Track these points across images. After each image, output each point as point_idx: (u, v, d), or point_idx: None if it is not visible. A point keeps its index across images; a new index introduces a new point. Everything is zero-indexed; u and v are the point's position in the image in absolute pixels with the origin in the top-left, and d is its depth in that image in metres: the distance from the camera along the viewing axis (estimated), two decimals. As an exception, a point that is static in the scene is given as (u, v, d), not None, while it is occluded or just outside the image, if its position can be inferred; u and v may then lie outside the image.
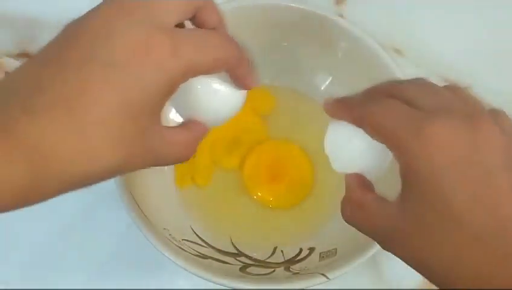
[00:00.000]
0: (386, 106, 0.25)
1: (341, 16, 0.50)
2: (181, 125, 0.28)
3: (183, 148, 0.28)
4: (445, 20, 0.52)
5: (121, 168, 0.25)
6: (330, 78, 0.46)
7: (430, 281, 0.25)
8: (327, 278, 0.36)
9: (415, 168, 0.23)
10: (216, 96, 0.29)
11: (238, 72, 0.28)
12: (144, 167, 0.26)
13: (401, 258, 0.25)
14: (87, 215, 0.45)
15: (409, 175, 0.24)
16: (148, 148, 0.25)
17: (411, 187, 0.24)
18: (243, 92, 0.30)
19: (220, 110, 0.29)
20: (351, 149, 0.28)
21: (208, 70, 0.26)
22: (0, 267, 0.44)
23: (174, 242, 0.38)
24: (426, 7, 0.53)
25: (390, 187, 0.25)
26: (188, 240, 0.40)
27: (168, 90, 0.25)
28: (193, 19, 0.28)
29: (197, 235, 0.42)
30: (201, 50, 0.25)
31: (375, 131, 0.25)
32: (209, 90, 0.27)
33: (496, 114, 0.25)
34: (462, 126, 0.23)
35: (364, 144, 0.27)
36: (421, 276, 0.25)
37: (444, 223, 0.23)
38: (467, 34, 0.52)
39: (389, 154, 0.26)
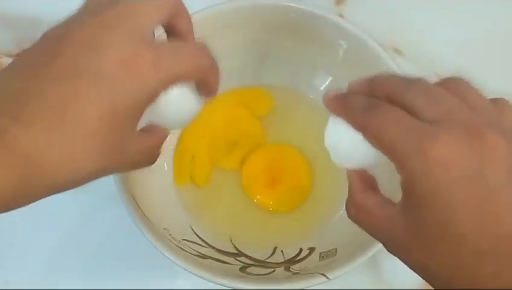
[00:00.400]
0: (387, 115, 0.25)
1: (341, 15, 0.50)
2: (144, 132, 0.29)
3: (148, 154, 0.30)
4: (445, 20, 0.52)
5: (100, 174, 0.26)
6: (330, 78, 0.46)
7: (432, 286, 0.25)
8: (327, 278, 0.36)
9: (417, 184, 0.23)
10: (177, 103, 0.29)
11: (208, 80, 0.29)
12: (121, 172, 0.29)
13: (403, 262, 0.26)
14: (87, 215, 0.45)
15: (410, 189, 0.24)
16: (126, 155, 0.27)
17: (412, 200, 0.24)
18: (201, 98, 0.31)
19: (180, 116, 0.30)
20: (350, 142, 0.27)
21: (184, 79, 0.28)
22: (0, 267, 0.44)
23: (174, 242, 0.38)
24: (426, 7, 0.53)
25: (392, 181, 0.25)
26: (188, 240, 0.40)
27: (149, 101, 0.26)
28: (166, 25, 0.29)
29: (197, 235, 0.42)
30: (180, 61, 0.27)
31: (376, 142, 0.25)
32: (170, 96, 0.28)
33: (499, 107, 0.25)
34: (465, 141, 0.23)
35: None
36: (420, 276, 0.25)
37: (444, 237, 0.23)
38: (467, 34, 0.52)
39: None
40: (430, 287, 0.25)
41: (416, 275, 0.25)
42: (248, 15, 0.43)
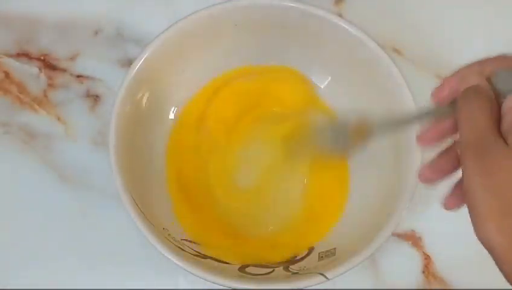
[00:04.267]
0: None
1: (340, 15, 0.50)
2: None
3: None
4: (445, 20, 0.52)
5: None
6: (329, 78, 0.46)
7: None
8: (326, 278, 0.36)
9: None
10: None
11: None
12: None
13: None
14: (87, 215, 0.45)
15: None
16: None
17: None
18: None
19: None
20: None
21: None
22: (0, 267, 0.44)
23: (174, 242, 0.38)
24: (426, 7, 0.53)
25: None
26: (187, 240, 0.40)
27: None
28: None
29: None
30: None
31: None
32: None
33: None
34: None
35: None
36: (420, 276, 0.25)
37: None
38: (467, 34, 0.52)
39: None
40: (430, 287, 0.25)
41: (414, 275, 0.25)
42: (248, 15, 0.43)
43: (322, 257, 0.40)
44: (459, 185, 0.30)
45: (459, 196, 0.29)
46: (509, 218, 0.23)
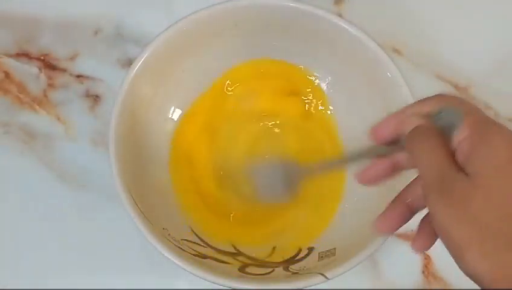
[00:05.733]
0: None
1: (340, 15, 0.50)
2: None
3: None
4: (446, 20, 0.52)
5: None
6: (330, 78, 0.46)
7: None
8: (326, 278, 0.36)
9: None
10: None
11: None
12: None
13: None
14: (87, 215, 0.45)
15: None
16: None
17: None
18: None
19: None
20: None
21: None
22: (0, 267, 0.44)
23: (174, 242, 0.38)
24: (426, 7, 0.53)
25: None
26: (187, 240, 0.40)
27: None
28: None
29: (196, 235, 0.42)
30: None
31: None
32: None
33: None
34: None
35: None
36: (420, 276, 0.25)
37: None
38: (467, 34, 0.52)
39: None
40: (430, 287, 0.25)
41: (415, 275, 0.25)
42: (247, 14, 0.43)
43: (322, 257, 0.40)
44: (425, 223, 0.30)
45: (427, 235, 0.29)
46: (489, 241, 0.23)
